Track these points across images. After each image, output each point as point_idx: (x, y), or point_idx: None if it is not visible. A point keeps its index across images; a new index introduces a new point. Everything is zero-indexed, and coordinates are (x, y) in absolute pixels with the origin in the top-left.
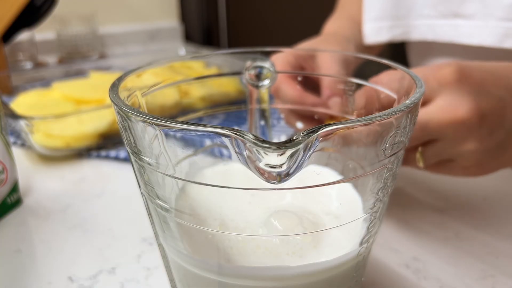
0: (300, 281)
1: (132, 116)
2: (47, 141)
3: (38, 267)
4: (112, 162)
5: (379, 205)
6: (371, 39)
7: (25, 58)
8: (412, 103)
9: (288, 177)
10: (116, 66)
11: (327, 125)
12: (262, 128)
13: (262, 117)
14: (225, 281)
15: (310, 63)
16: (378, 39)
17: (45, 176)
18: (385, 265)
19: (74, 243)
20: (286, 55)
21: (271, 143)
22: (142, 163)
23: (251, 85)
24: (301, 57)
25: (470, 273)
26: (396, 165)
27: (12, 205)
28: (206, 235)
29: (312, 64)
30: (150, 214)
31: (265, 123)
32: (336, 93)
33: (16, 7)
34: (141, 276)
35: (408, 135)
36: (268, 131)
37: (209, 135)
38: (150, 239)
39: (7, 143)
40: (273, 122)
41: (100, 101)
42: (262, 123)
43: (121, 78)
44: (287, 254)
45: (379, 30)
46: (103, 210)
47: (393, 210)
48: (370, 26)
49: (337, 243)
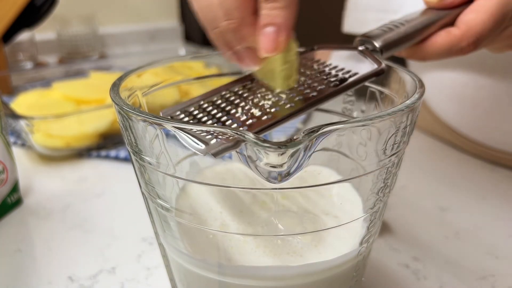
0: (301, 280)
1: (133, 116)
2: (47, 141)
3: (38, 267)
4: (112, 162)
5: (379, 205)
6: (353, 29)
7: (25, 58)
8: (412, 103)
9: (288, 176)
10: (116, 66)
11: (327, 125)
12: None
13: None
14: (226, 280)
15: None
16: (361, 30)
17: (45, 176)
18: (385, 265)
19: (74, 243)
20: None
21: (272, 143)
22: (142, 163)
23: None
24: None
25: (470, 273)
26: (397, 165)
27: (12, 205)
28: (206, 235)
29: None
30: (151, 214)
31: None
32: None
33: (17, 7)
34: (141, 276)
35: (408, 135)
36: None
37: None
38: (150, 239)
39: (7, 143)
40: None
41: (100, 101)
42: None
43: (121, 78)
44: (288, 253)
45: (364, 21)
46: (103, 210)
47: (394, 210)
48: (355, 16)
49: (337, 243)
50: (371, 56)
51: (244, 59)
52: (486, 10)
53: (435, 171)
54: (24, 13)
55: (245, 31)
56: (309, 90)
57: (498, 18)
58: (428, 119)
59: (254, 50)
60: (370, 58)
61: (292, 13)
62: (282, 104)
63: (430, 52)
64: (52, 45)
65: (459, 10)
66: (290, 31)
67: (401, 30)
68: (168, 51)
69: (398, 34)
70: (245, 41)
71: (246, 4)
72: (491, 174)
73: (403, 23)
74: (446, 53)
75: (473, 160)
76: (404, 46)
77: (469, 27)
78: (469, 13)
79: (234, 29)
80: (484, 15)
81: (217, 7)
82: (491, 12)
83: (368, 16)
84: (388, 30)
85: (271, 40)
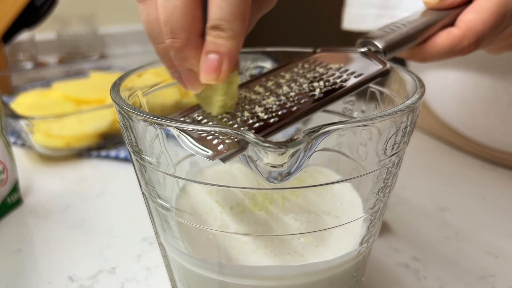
0: (301, 280)
1: (133, 116)
2: (47, 141)
3: (38, 267)
4: (112, 162)
5: (380, 205)
6: (352, 25)
7: (25, 58)
8: (413, 103)
9: (289, 176)
10: (116, 66)
11: (328, 125)
12: None
13: None
14: (226, 280)
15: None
16: (361, 26)
17: (45, 176)
18: (385, 265)
19: (74, 243)
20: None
21: (272, 143)
22: (143, 162)
23: None
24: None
25: (470, 273)
26: (397, 165)
27: (12, 205)
28: (206, 235)
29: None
30: (151, 214)
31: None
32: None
33: (17, 7)
34: (141, 276)
35: (408, 135)
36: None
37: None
38: (150, 239)
39: (7, 143)
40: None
41: (100, 101)
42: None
43: (122, 77)
44: (288, 253)
45: (364, 17)
46: (103, 210)
47: (394, 210)
48: (354, 11)
49: (337, 243)
50: (375, 57)
51: (185, 80)
52: (486, 10)
53: (435, 171)
54: (24, 13)
55: (189, 52)
56: (316, 93)
57: (498, 18)
58: (429, 119)
59: (194, 73)
60: (374, 59)
61: (238, 44)
62: (289, 107)
63: (430, 53)
64: (52, 45)
65: (459, 10)
66: (233, 62)
67: (403, 31)
68: None
69: (401, 35)
70: (188, 62)
71: (193, 25)
72: (491, 174)
73: (404, 24)
74: (447, 54)
75: (473, 160)
76: (407, 47)
77: (469, 27)
78: (469, 12)
79: (178, 49)
80: (484, 14)
81: (164, 23)
82: (491, 12)
83: (368, 12)
84: (390, 31)
85: (213, 68)
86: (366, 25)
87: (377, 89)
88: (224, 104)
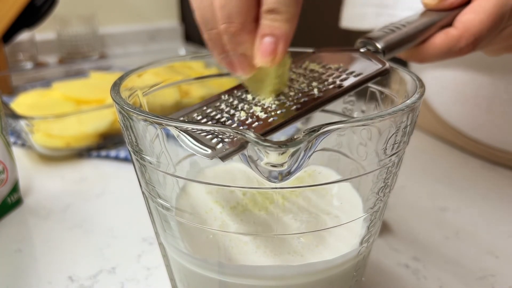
0: (301, 280)
1: (133, 115)
2: (47, 141)
3: (38, 267)
4: (112, 162)
5: (380, 204)
6: (351, 24)
7: (25, 58)
8: (413, 102)
9: (289, 176)
10: (116, 66)
11: (328, 125)
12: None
13: None
14: (226, 280)
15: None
16: (360, 25)
17: (45, 176)
18: (385, 265)
19: (74, 243)
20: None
21: (273, 142)
22: (143, 162)
23: None
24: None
25: (470, 273)
26: (397, 165)
27: (12, 205)
28: (206, 235)
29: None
30: (151, 213)
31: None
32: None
33: (17, 7)
34: (141, 276)
35: (408, 134)
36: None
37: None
38: (150, 239)
39: (7, 143)
40: None
41: (100, 101)
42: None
43: (122, 77)
44: (288, 253)
45: (364, 16)
46: (103, 210)
47: (394, 210)
48: (354, 11)
49: (337, 242)
50: (374, 57)
51: (236, 65)
52: (484, 10)
53: (435, 171)
54: (24, 13)
55: (243, 37)
56: (315, 92)
57: (496, 18)
58: (429, 118)
59: (247, 57)
60: (373, 59)
61: (292, 27)
62: (288, 106)
63: (428, 54)
64: (52, 45)
65: (458, 10)
66: (288, 45)
67: (403, 32)
68: (168, 51)
69: (400, 35)
70: (241, 46)
71: (248, 10)
72: (491, 174)
73: (404, 25)
74: (445, 54)
75: (473, 160)
76: (406, 47)
77: (467, 27)
78: (467, 13)
79: (233, 33)
80: (482, 15)
81: (219, 8)
82: (489, 12)
83: (366, 11)
84: (389, 32)
85: (269, 50)
86: (364, 23)
87: (377, 89)
88: (277, 88)
